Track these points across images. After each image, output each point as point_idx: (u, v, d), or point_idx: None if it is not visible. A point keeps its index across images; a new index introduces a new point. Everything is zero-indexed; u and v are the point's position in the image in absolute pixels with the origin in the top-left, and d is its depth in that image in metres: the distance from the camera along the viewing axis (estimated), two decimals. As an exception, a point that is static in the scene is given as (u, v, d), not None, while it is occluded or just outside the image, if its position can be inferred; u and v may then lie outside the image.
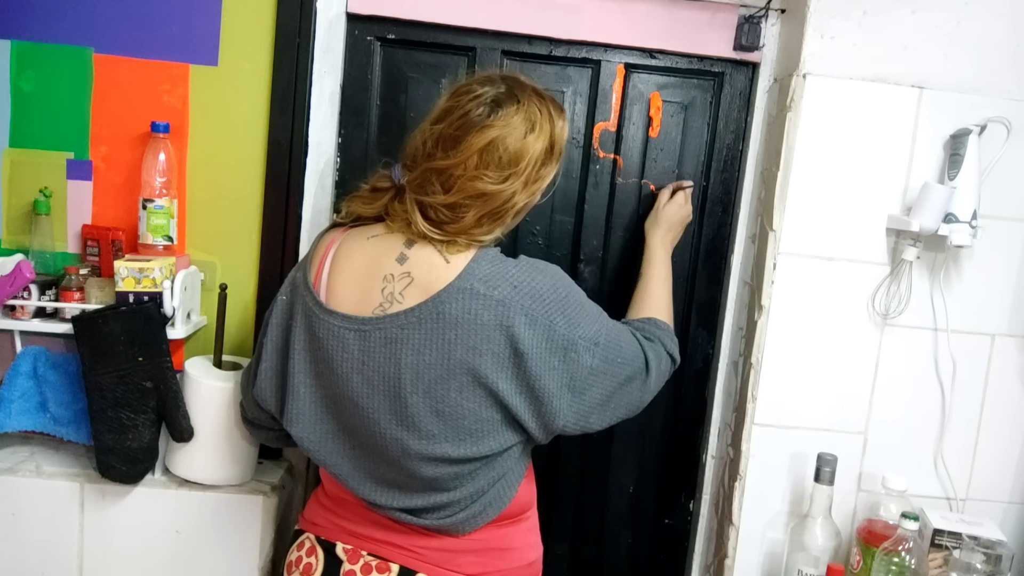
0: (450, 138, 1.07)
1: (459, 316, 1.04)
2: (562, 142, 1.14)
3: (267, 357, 1.19)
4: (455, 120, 1.07)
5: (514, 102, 1.08)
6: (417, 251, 1.09)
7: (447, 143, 1.07)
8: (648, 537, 1.76)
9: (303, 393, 1.15)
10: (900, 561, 1.34)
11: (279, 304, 1.19)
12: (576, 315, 1.12)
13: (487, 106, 1.07)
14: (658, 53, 1.60)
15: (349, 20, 1.57)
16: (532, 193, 1.12)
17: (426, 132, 1.10)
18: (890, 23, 1.44)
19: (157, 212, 1.45)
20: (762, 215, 1.55)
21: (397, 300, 1.07)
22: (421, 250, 1.09)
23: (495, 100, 1.07)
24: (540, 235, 1.65)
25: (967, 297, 1.50)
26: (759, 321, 1.50)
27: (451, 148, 1.06)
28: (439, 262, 1.08)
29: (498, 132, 1.06)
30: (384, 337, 1.07)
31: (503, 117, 1.06)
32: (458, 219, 1.07)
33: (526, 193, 1.11)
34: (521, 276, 1.08)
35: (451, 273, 1.06)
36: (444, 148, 1.07)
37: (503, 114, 1.07)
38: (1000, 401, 1.53)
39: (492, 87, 1.09)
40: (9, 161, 1.51)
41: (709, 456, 1.70)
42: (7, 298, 1.41)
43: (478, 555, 1.18)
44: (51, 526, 1.46)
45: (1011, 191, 1.48)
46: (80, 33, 1.48)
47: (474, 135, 1.05)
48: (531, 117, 1.08)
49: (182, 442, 1.42)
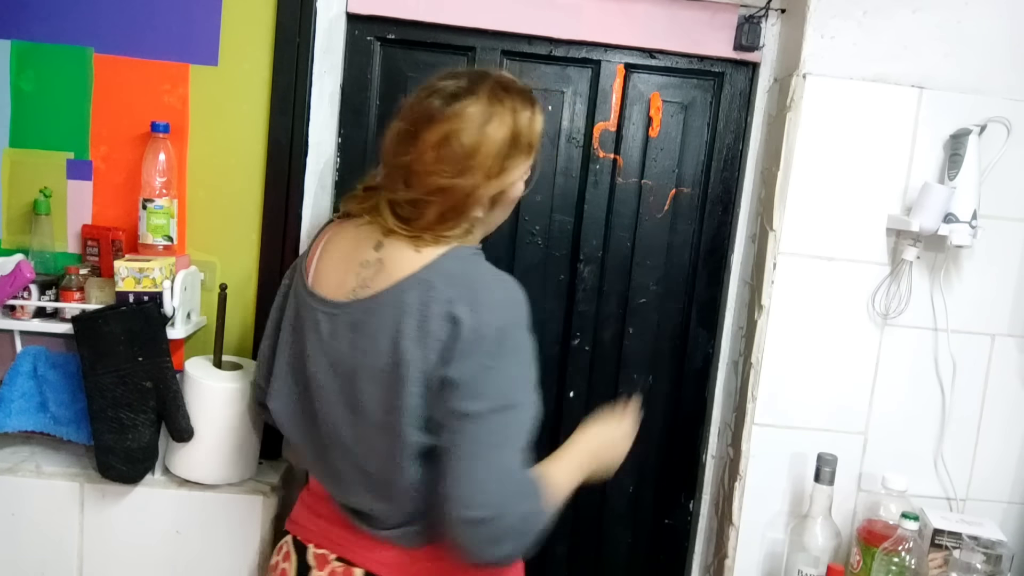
0: (409, 134, 1.06)
1: (412, 306, 1.02)
2: (531, 134, 1.09)
3: (266, 336, 1.26)
4: (413, 116, 1.06)
5: (470, 95, 1.05)
6: (393, 239, 1.08)
7: (407, 139, 1.06)
8: (648, 537, 1.76)
9: (282, 372, 1.18)
10: (900, 561, 1.34)
11: (282, 287, 1.25)
12: (509, 360, 1.02)
13: (443, 100, 1.05)
14: (658, 53, 1.60)
15: (349, 20, 1.57)
16: (501, 186, 1.08)
17: (392, 129, 1.10)
18: (890, 23, 1.44)
19: (157, 212, 1.45)
20: (762, 215, 1.55)
21: (367, 286, 1.07)
22: (397, 239, 1.08)
23: (453, 94, 1.05)
24: (539, 235, 1.65)
25: (967, 297, 1.50)
26: (759, 321, 1.50)
27: (410, 144, 1.05)
28: (410, 252, 1.06)
29: (451, 126, 1.03)
30: (349, 321, 1.07)
31: (458, 110, 1.04)
32: (421, 215, 1.06)
33: (491, 187, 1.07)
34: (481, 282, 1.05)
35: (417, 263, 1.05)
36: (404, 144, 1.06)
37: (458, 107, 1.04)
38: (1000, 401, 1.53)
39: (454, 81, 1.07)
40: (9, 161, 1.51)
41: (709, 456, 1.70)
42: (7, 298, 1.41)
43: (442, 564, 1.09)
44: (51, 526, 1.46)
45: (1011, 191, 1.48)
46: (80, 33, 1.48)
47: (428, 130, 1.04)
48: (489, 108, 1.05)
49: (182, 442, 1.42)
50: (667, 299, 1.68)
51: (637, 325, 1.68)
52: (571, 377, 1.70)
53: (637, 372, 1.70)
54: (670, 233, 1.67)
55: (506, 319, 1.02)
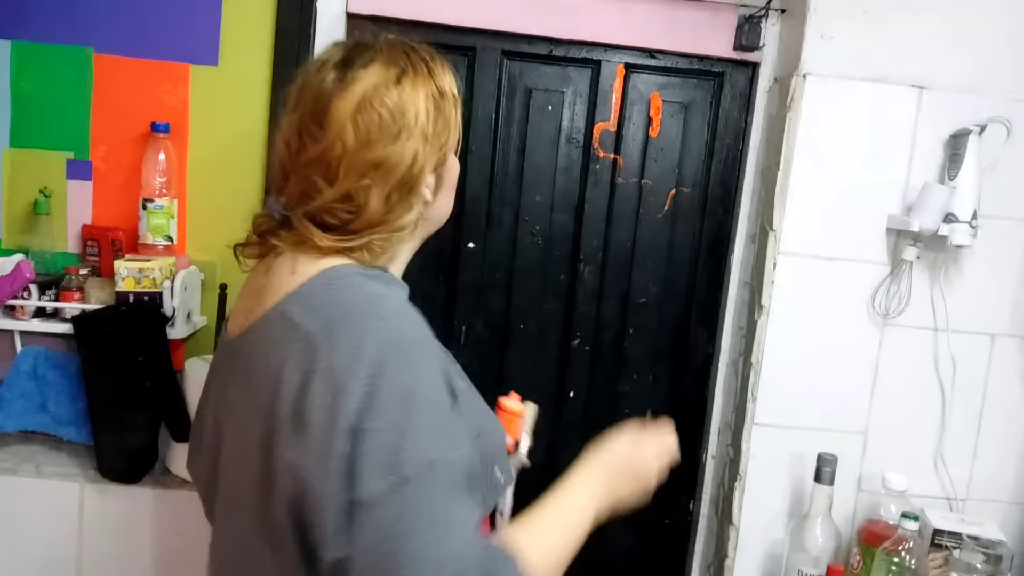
0: (312, 119, 0.85)
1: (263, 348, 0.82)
2: (449, 86, 0.90)
3: None
4: (309, 98, 0.86)
5: (367, 52, 0.87)
6: (279, 260, 0.88)
7: (311, 126, 0.85)
8: (648, 537, 1.76)
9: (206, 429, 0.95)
10: (900, 561, 1.34)
11: None
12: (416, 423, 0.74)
13: (338, 69, 0.86)
14: (658, 53, 1.60)
15: (349, 20, 1.57)
16: (440, 148, 0.89)
17: (285, 130, 0.89)
18: (890, 23, 1.44)
19: (157, 212, 1.45)
20: (762, 215, 1.55)
21: (250, 319, 0.87)
22: (282, 259, 0.88)
23: (344, 60, 0.87)
24: (540, 235, 1.65)
25: (967, 297, 1.50)
26: (759, 321, 1.50)
27: (318, 129, 0.84)
28: (286, 272, 0.85)
29: (362, 85, 0.84)
30: (224, 364, 0.91)
31: (361, 73, 0.85)
32: (361, 209, 0.84)
33: (431, 151, 0.87)
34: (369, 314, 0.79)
35: (285, 288, 0.84)
36: (310, 133, 0.85)
37: (360, 70, 0.85)
38: (1000, 401, 1.53)
39: (336, 50, 0.90)
40: (9, 161, 1.51)
41: (709, 456, 1.70)
42: (7, 298, 1.41)
43: None
44: (51, 526, 1.46)
45: (1011, 191, 1.48)
46: (80, 33, 1.48)
47: (337, 102, 0.84)
48: (393, 61, 0.87)
49: (183, 442, 1.42)
50: (667, 299, 1.68)
51: (637, 325, 1.68)
52: (571, 377, 1.70)
53: (637, 372, 1.70)
54: (670, 233, 1.66)
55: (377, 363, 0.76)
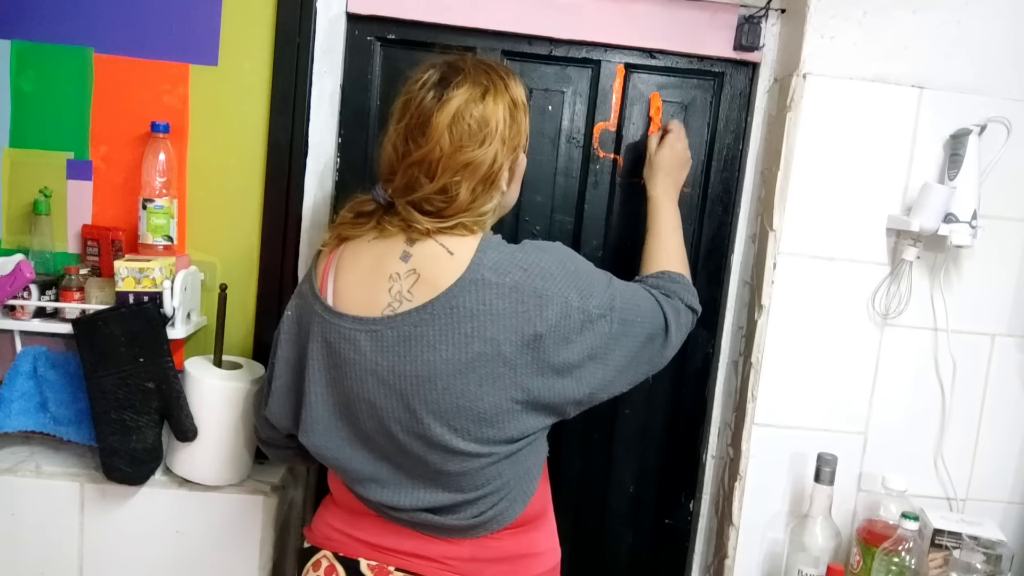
0: (416, 128, 1.10)
1: (474, 308, 1.05)
2: (521, 97, 1.16)
3: (280, 374, 1.20)
4: (414, 111, 1.11)
5: (457, 74, 1.11)
6: (420, 247, 1.10)
7: (415, 134, 1.10)
8: (648, 537, 1.76)
9: (317, 402, 1.15)
10: (900, 561, 1.34)
11: (287, 319, 1.20)
12: (587, 285, 1.13)
13: (436, 88, 1.11)
14: (658, 53, 1.60)
15: (349, 20, 1.57)
16: (514, 150, 1.14)
17: (393, 135, 1.14)
18: (890, 23, 1.44)
19: (157, 212, 1.45)
20: (762, 215, 1.55)
21: (406, 298, 1.08)
22: (424, 246, 1.10)
23: (440, 80, 1.11)
24: (540, 235, 1.65)
25: (967, 297, 1.50)
26: (759, 321, 1.50)
27: (421, 136, 1.09)
28: (443, 255, 1.09)
29: (456, 103, 1.09)
30: (397, 336, 1.08)
31: (455, 92, 1.10)
32: (453, 199, 1.09)
33: (507, 152, 1.13)
34: (528, 259, 1.10)
35: (459, 265, 1.07)
36: (415, 140, 1.10)
37: (454, 90, 1.10)
38: (1000, 401, 1.53)
39: (434, 70, 1.14)
40: (9, 161, 1.51)
41: (709, 456, 1.70)
42: (7, 298, 1.41)
43: (509, 563, 1.18)
44: (51, 526, 1.46)
45: (1011, 191, 1.48)
46: (80, 33, 1.48)
47: (437, 115, 1.09)
48: (479, 82, 1.11)
49: (186, 442, 1.42)
50: (667, 299, 1.68)
51: (637, 325, 1.68)
52: (571, 377, 1.69)
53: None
54: (670, 233, 1.66)
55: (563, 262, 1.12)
